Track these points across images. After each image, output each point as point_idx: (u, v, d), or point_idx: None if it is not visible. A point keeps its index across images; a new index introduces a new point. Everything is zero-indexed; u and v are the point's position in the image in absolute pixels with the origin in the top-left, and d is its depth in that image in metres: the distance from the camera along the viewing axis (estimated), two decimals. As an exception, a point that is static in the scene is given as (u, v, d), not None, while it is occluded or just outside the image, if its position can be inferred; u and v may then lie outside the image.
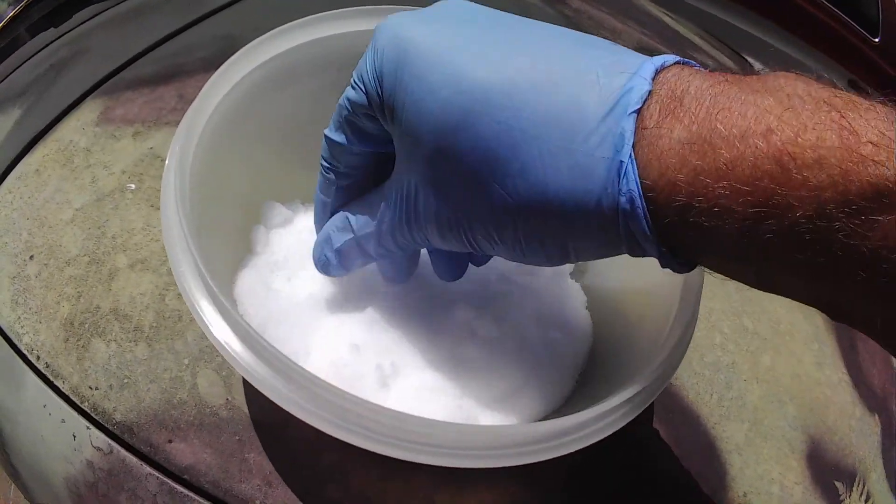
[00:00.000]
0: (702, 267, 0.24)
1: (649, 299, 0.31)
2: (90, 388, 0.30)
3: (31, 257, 0.34)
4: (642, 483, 0.32)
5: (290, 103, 0.32)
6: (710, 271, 0.23)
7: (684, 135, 0.19)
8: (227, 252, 0.31)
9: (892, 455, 0.39)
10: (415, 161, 0.24)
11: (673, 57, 0.21)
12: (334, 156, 0.27)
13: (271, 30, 0.31)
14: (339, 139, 0.26)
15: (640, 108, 0.20)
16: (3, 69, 0.41)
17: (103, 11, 0.44)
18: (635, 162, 0.20)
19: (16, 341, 0.32)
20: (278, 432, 0.30)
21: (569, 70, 0.21)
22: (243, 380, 0.31)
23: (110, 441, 0.30)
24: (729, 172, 0.19)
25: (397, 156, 0.25)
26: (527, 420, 0.29)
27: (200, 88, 0.29)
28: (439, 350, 0.29)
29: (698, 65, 0.22)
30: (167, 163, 0.27)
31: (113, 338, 0.32)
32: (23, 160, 0.37)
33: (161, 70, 0.41)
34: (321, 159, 0.27)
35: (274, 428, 0.30)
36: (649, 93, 0.20)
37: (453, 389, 0.29)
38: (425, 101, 0.22)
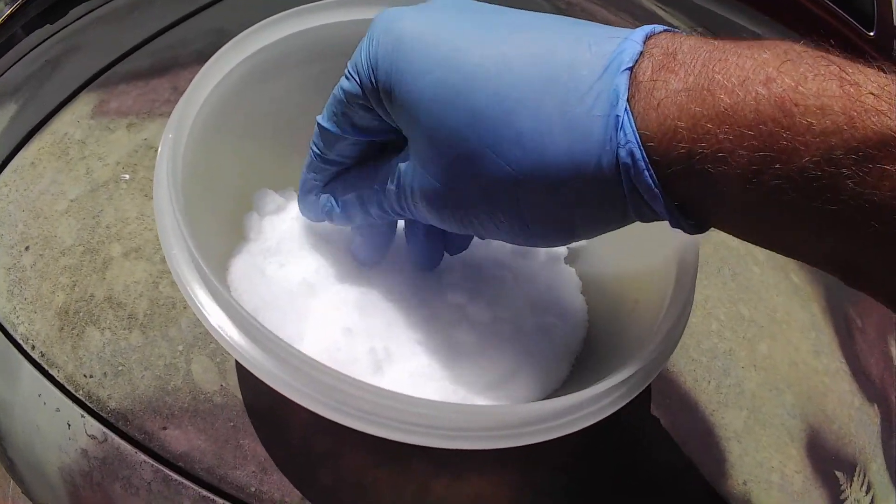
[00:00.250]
0: (712, 229, 0.23)
1: (645, 283, 0.31)
2: (85, 376, 0.30)
3: (27, 248, 0.34)
4: (640, 469, 0.32)
5: (281, 92, 0.32)
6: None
7: (680, 85, 0.19)
8: (219, 239, 0.31)
9: (892, 445, 0.39)
10: (414, 141, 0.24)
11: (663, 26, 0.22)
12: (326, 143, 0.27)
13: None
14: (332, 128, 0.26)
15: (633, 66, 0.20)
16: (-1, 66, 0.42)
17: (98, 8, 0.44)
18: (631, 115, 0.20)
19: (11, 331, 0.32)
20: (273, 418, 0.30)
21: (561, 41, 0.21)
22: (237, 366, 0.31)
23: (104, 429, 0.29)
24: (730, 117, 0.19)
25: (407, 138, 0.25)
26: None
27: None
28: (433, 334, 0.29)
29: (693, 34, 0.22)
30: (159, 152, 0.27)
31: (107, 326, 0.32)
32: (18, 154, 0.37)
33: (155, 63, 0.41)
34: (312, 144, 0.28)
35: (268, 414, 0.30)
36: (641, 53, 0.20)
37: (447, 374, 0.29)
38: (419, 82, 0.22)
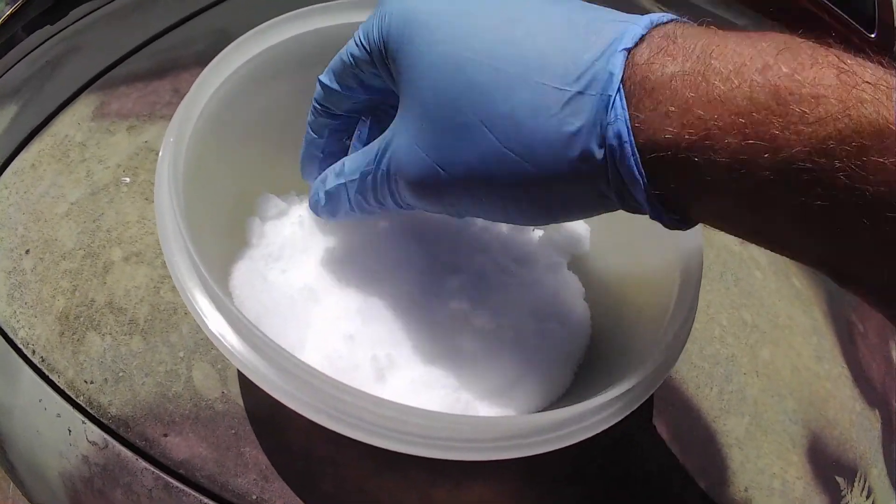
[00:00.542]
0: (701, 226, 0.23)
1: (648, 290, 0.31)
2: (85, 381, 0.30)
3: (27, 252, 0.34)
4: (642, 477, 0.32)
5: (284, 95, 0.32)
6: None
7: (677, 69, 0.19)
8: (221, 244, 0.31)
9: (893, 450, 0.39)
10: (409, 110, 0.24)
11: (671, 16, 0.22)
12: (329, 99, 0.28)
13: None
14: (335, 86, 0.27)
15: (632, 48, 0.20)
16: (-1, 67, 0.41)
17: (98, 8, 0.44)
18: (624, 96, 0.20)
19: (11, 336, 0.32)
20: (274, 426, 0.30)
21: (567, 23, 0.21)
22: (239, 373, 0.31)
23: (105, 435, 0.29)
24: (723, 104, 0.18)
25: (398, 109, 0.25)
26: (524, 412, 0.29)
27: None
28: (436, 342, 0.29)
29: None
30: (161, 155, 0.27)
31: (108, 331, 0.31)
32: (18, 156, 0.37)
33: (155, 65, 0.41)
34: (314, 101, 0.29)
35: (270, 421, 0.30)
36: (643, 36, 0.20)
37: (450, 381, 0.28)
38: (425, 54, 0.23)
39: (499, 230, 0.33)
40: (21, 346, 0.31)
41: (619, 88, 0.20)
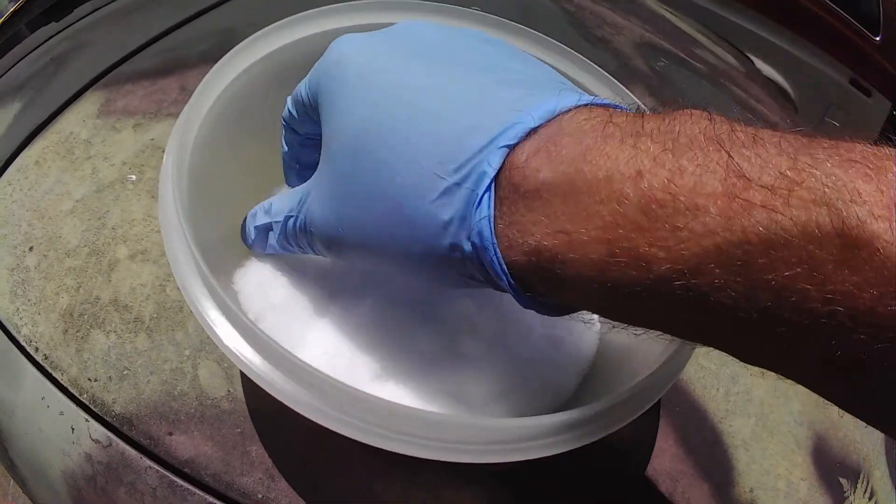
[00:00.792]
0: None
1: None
2: (89, 379, 0.30)
3: (31, 248, 0.33)
4: (648, 478, 0.32)
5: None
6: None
7: (549, 176, 0.19)
8: (227, 242, 0.30)
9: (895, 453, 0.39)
10: (323, 167, 0.24)
11: (592, 98, 0.20)
12: (292, 120, 0.29)
13: (271, 24, 0.31)
14: (294, 112, 0.28)
15: (515, 144, 0.19)
16: (3, 64, 0.41)
17: (103, 6, 0.43)
18: (494, 196, 0.20)
19: (14, 333, 0.31)
20: (280, 424, 0.29)
21: (464, 106, 0.21)
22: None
23: (109, 433, 0.29)
24: (588, 218, 0.17)
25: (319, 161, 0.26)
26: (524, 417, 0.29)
27: (201, 81, 0.29)
28: (439, 344, 0.29)
29: (629, 108, 0.21)
30: (166, 154, 0.27)
31: (113, 329, 0.31)
32: (23, 152, 0.37)
33: (162, 63, 0.40)
34: (282, 117, 0.29)
35: (276, 420, 0.30)
36: (532, 130, 0.19)
37: (450, 385, 0.28)
38: (334, 120, 0.24)
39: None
40: (24, 344, 0.31)
41: (488, 187, 0.20)
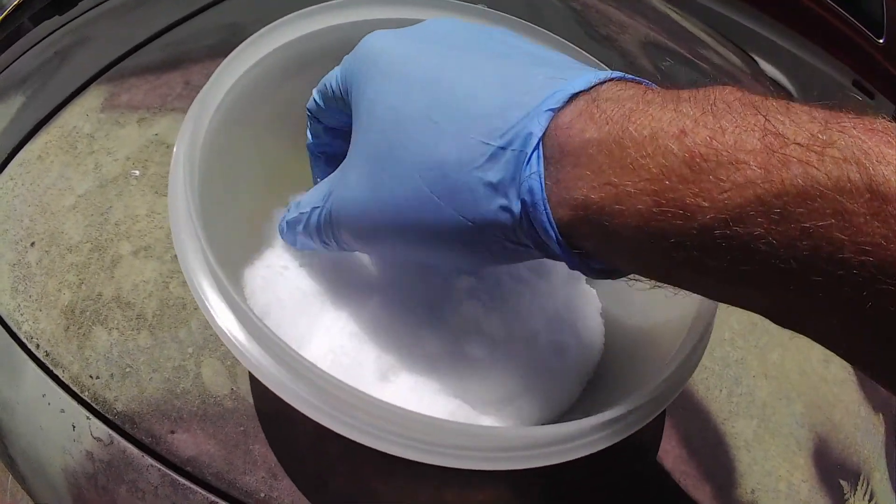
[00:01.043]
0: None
1: (666, 309, 0.30)
2: (91, 377, 0.30)
3: (32, 244, 0.33)
4: (651, 479, 0.32)
5: (303, 92, 0.31)
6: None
7: (595, 134, 0.20)
8: (237, 238, 0.30)
9: (896, 455, 0.39)
10: (356, 153, 0.25)
11: (623, 74, 0.22)
12: (318, 112, 0.29)
13: (276, 18, 0.31)
14: (321, 104, 0.29)
15: (559, 108, 0.21)
16: (6, 57, 0.41)
17: (107, 0, 0.43)
18: (542, 155, 0.20)
19: (15, 329, 0.31)
20: (283, 423, 0.29)
21: (503, 81, 0.22)
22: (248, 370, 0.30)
23: (111, 431, 0.29)
24: (634, 171, 0.19)
25: (349, 150, 0.26)
26: (527, 424, 0.29)
27: (207, 75, 0.28)
28: (444, 346, 0.29)
29: (651, 84, 0.22)
30: (175, 150, 0.26)
31: (115, 326, 0.31)
32: (25, 147, 0.36)
33: (166, 57, 0.40)
34: (307, 108, 0.30)
35: (279, 419, 0.29)
36: (573, 96, 0.21)
37: (454, 387, 0.28)
38: (373, 106, 0.24)
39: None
40: (25, 341, 0.31)
41: (536, 146, 0.20)
